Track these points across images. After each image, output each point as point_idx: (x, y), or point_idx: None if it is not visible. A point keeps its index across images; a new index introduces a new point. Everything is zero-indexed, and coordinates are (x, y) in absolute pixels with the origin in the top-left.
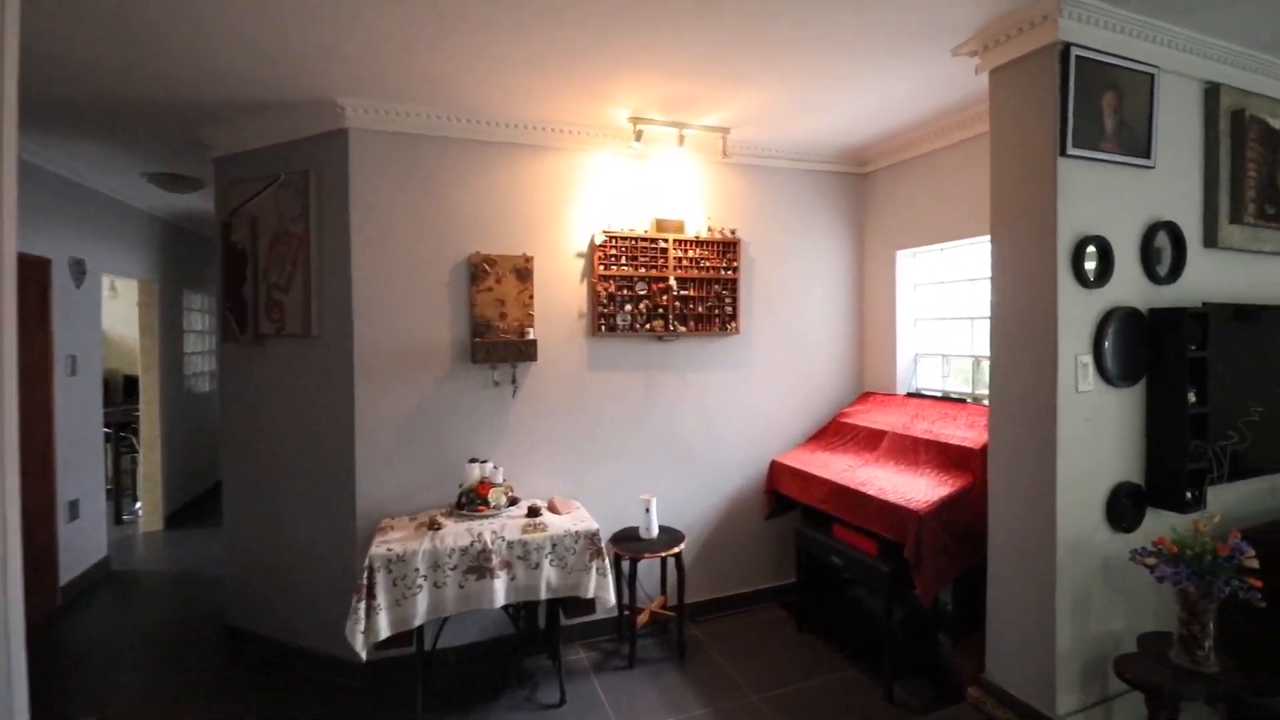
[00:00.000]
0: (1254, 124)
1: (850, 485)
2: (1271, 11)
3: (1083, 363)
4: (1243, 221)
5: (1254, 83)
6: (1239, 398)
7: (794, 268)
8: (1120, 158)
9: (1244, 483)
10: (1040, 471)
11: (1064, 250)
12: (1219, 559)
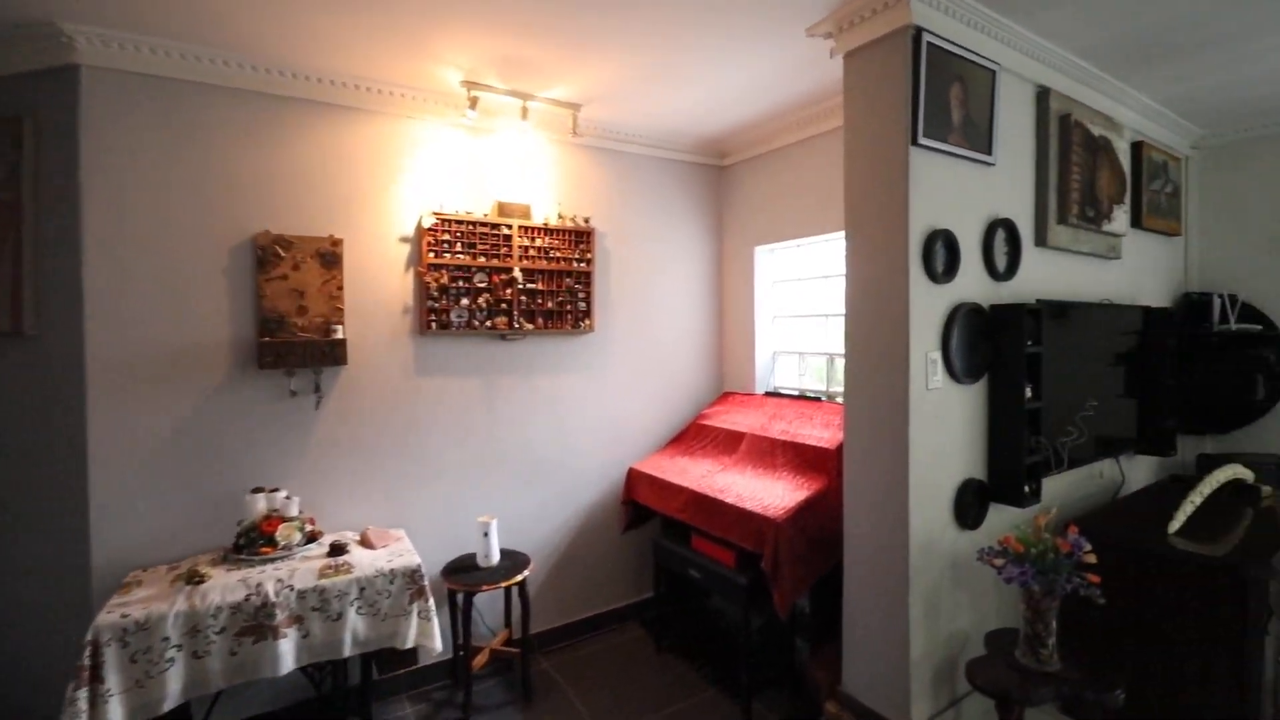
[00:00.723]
0: (1078, 129)
1: (708, 493)
2: (1093, 19)
3: (932, 360)
4: (1068, 222)
5: (1078, 91)
6: (1065, 392)
7: (653, 261)
8: (966, 152)
9: (1072, 471)
10: (893, 472)
11: (915, 244)
12: (1060, 556)
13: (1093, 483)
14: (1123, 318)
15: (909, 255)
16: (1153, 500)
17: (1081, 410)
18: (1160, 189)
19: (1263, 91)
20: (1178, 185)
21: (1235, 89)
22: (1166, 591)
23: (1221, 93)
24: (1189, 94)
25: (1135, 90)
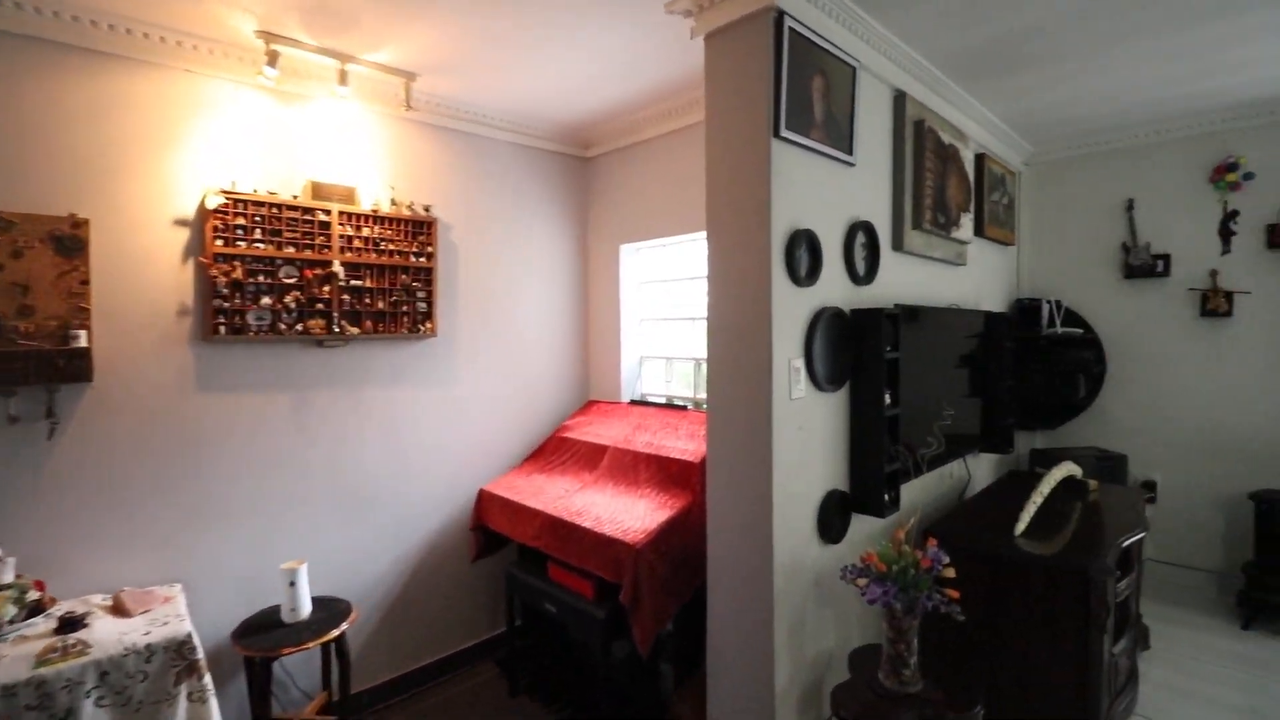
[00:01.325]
0: (931, 136)
1: (564, 516)
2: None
3: (795, 367)
4: (922, 228)
5: (931, 99)
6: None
7: (509, 258)
8: (828, 149)
9: (927, 475)
10: (756, 487)
11: (778, 243)
12: (921, 572)
13: (944, 484)
14: (968, 322)
15: (771, 255)
16: (997, 500)
17: (940, 419)
18: (999, 200)
19: (1085, 112)
20: (1013, 198)
21: (1063, 109)
22: (1017, 595)
23: (1052, 111)
24: (1024, 111)
25: (979, 103)
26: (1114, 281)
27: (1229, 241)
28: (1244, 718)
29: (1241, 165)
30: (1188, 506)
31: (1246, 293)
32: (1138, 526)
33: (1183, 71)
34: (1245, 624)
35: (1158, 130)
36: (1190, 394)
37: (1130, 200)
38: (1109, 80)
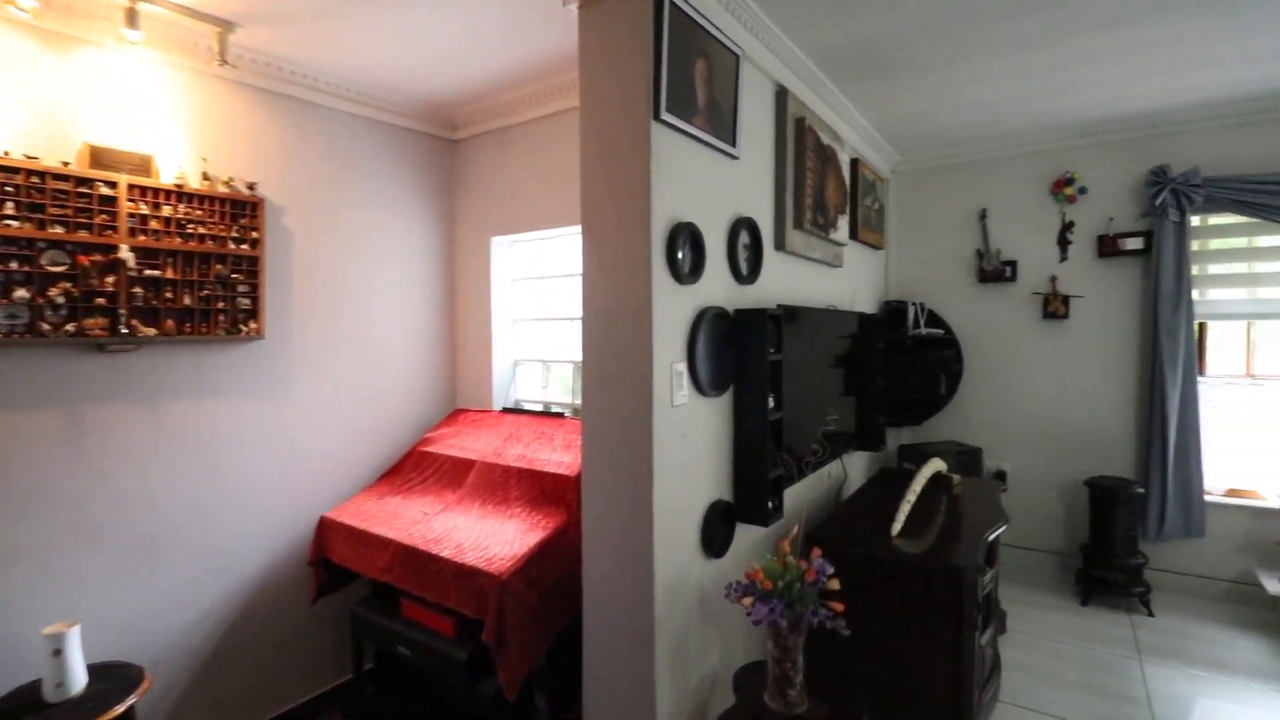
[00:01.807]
0: (811, 135)
1: (419, 545)
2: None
3: (678, 371)
4: (803, 228)
5: (812, 100)
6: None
7: (359, 249)
8: (711, 139)
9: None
10: (636, 501)
11: (658, 236)
12: (806, 586)
13: (823, 485)
14: (844, 323)
15: (651, 249)
16: (873, 499)
17: (822, 421)
18: (871, 205)
19: (944, 124)
20: (883, 204)
21: (925, 119)
22: (895, 597)
23: (915, 122)
24: (892, 119)
25: (854, 107)
26: (970, 285)
27: (1066, 250)
28: (1087, 694)
29: (1077, 180)
30: (1033, 493)
31: (1080, 297)
32: (999, 520)
33: (1028, 90)
34: (1084, 600)
35: (1006, 145)
36: (1034, 389)
37: (984, 210)
38: (964, 94)
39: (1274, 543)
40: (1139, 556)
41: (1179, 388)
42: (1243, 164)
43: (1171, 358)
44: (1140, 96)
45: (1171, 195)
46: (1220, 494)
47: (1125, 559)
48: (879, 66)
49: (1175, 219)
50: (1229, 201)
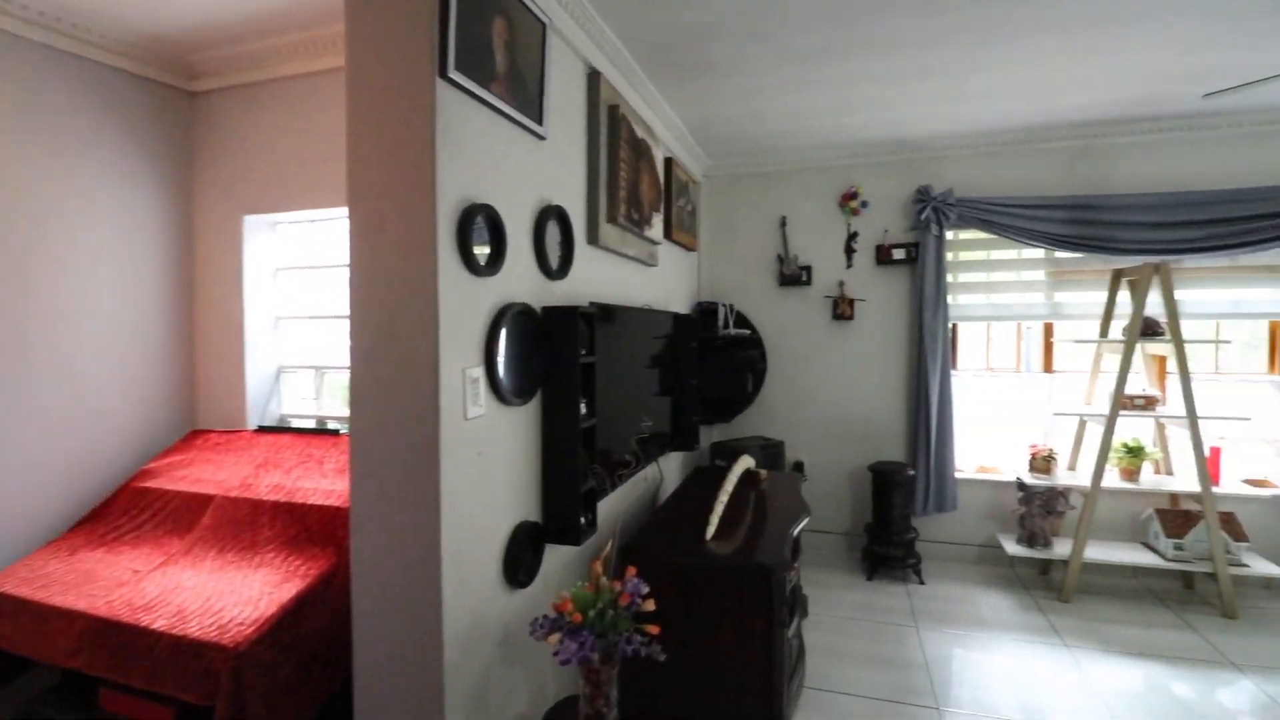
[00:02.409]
0: (625, 125)
1: (121, 616)
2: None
3: (473, 378)
4: (617, 222)
5: (626, 90)
6: (615, 402)
7: (47, 223)
8: (514, 112)
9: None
10: (421, 533)
11: (447, 219)
12: (620, 611)
13: (638, 490)
14: (659, 323)
15: (438, 233)
16: (688, 501)
17: (637, 426)
18: (684, 206)
19: (749, 131)
20: (695, 205)
21: (732, 125)
22: (710, 602)
23: (724, 127)
24: (703, 122)
25: (668, 104)
26: (773, 288)
27: (851, 257)
28: (877, 667)
29: (861, 194)
30: (827, 480)
31: (864, 300)
32: (802, 513)
33: (822, 105)
34: (869, 576)
35: (804, 159)
36: (827, 385)
37: (784, 218)
38: (767, 104)
39: (1010, 511)
40: (912, 531)
41: (938, 381)
42: (985, 187)
43: (932, 355)
44: (911, 124)
45: (933, 212)
46: (972, 471)
47: (901, 535)
48: (689, 63)
49: (935, 233)
50: (974, 219)
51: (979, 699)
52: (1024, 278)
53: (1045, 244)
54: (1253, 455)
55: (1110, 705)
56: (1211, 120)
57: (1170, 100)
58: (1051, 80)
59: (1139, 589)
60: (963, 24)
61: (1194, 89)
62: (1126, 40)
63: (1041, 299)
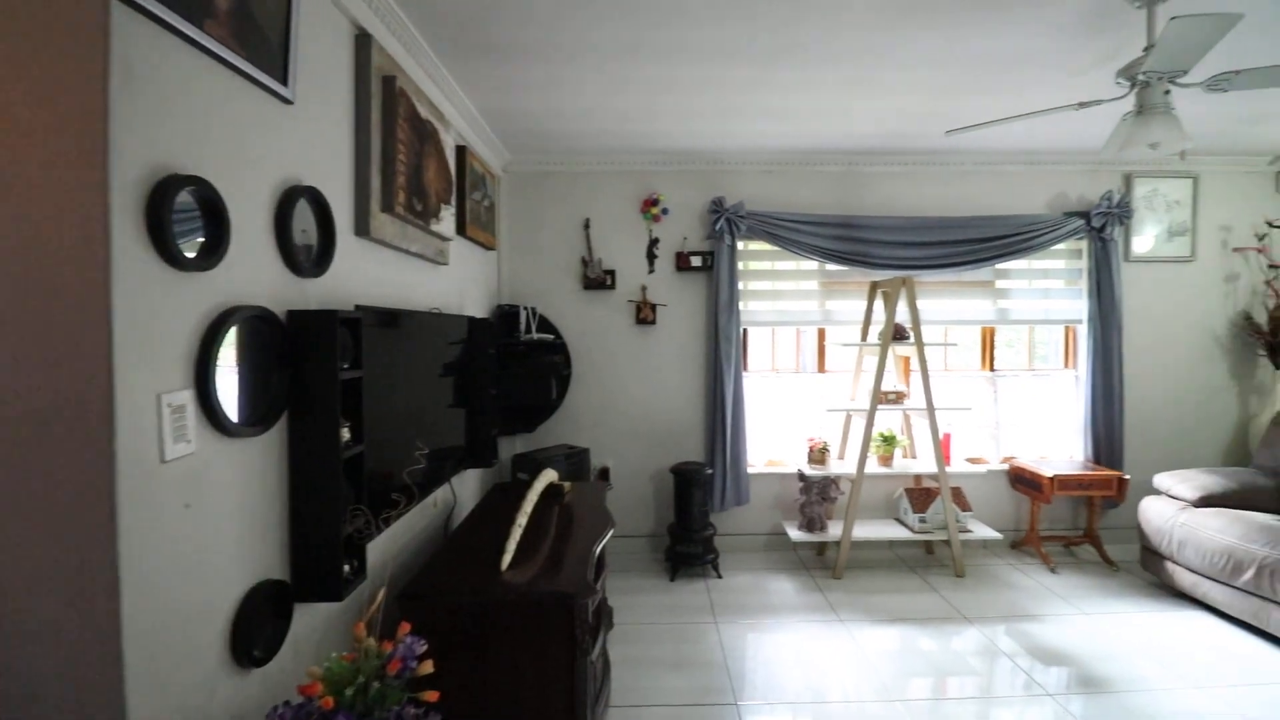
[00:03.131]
0: (405, 102)
1: None
2: None
3: (174, 405)
4: (395, 212)
5: (405, 59)
6: (393, 423)
7: None
8: (243, 63)
9: (401, 519)
10: (87, 622)
11: (132, 190)
12: (389, 682)
13: (424, 519)
14: (452, 328)
15: (112, 211)
16: (483, 525)
17: (427, 447)
18: (481, 201)
19: (556, 129)
20: (494, 201)
21: (534, 120)
22: (508, 640)
23: (525, 121)
24: (502, 113)
25: (459, 87)
26: (577, 291)
27: (653, 263)
28: (680, 672)
29: (661, 201)
30: (630, 484)
31: (665, 305)
32: (607, 525)
33: (624, 108)
34: (672, 576)
35: (607, 161)
36: (630, 389)
37: (587, 220)
38: (568, 100)
39: (793, 500)
40: (710, 528)
41: (732, 382)
42: (769, 202)
43: (727, 357)
44: (707, 136)
45: (726, 223)
46: (762, 466)
47: (701, 532)
48: (482, 42)
49: (728, 242)
50: (762, 231)
51: (771, 686)
52: (802, 287)
53: (818, 257)
54: (972, 438)
55: (876, 666)
56: (948, 157)
57: (919, 136)
58: (825, 109)
59: (893, 559)
60: (742, 43)
61: (938, 128)
62: (885, 82)
63: (816, 306)
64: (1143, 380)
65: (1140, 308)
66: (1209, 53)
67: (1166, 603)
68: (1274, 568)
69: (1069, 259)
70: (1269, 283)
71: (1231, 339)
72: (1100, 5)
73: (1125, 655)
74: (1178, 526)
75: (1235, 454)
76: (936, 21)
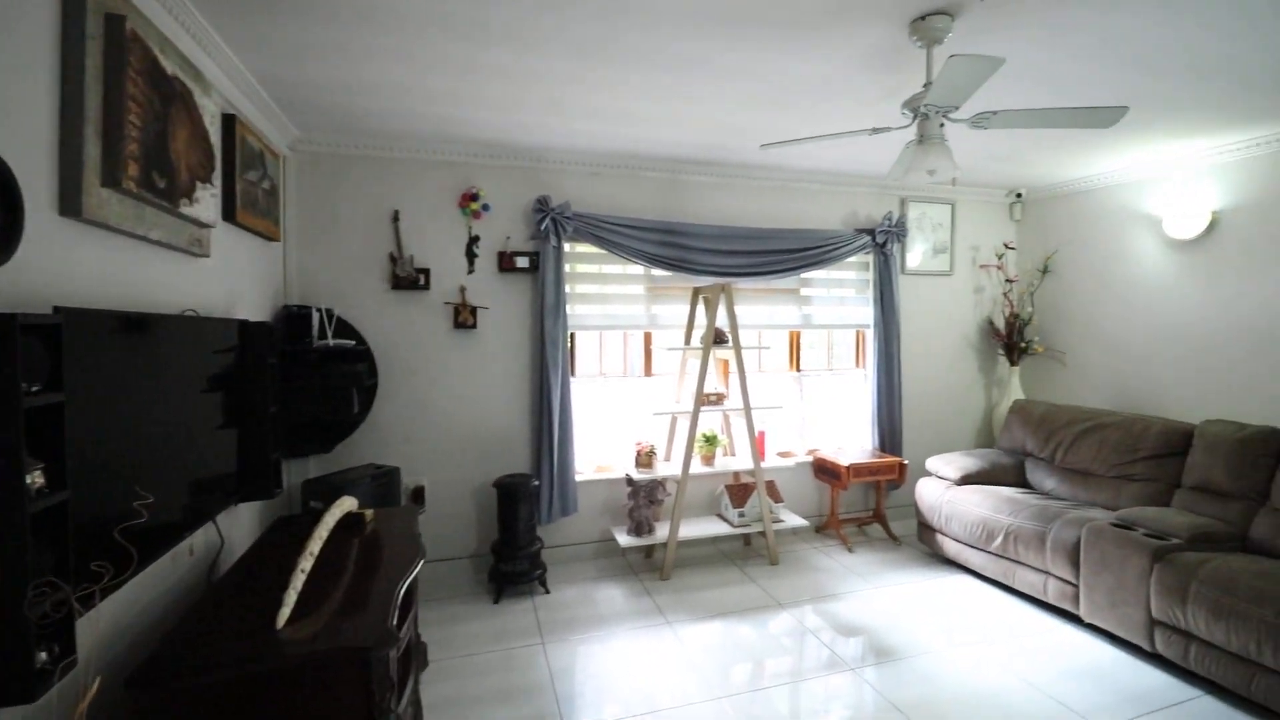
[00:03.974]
0: (139, 50)
1: None
2: None
3: None
4: (123, 186)
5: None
6: (124, 456)
7: None
8: None
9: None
10: None
11: None
12: None
13: (178, 572)
14: (215, 334)
15: None
16: (259, 570)
17: (177, 482)
18: (258, 182)
19: (360, 105)
20: (276, 184)
21: (332, 94)
22: (287, 710)
23: (319, 94)
24: (289, 81)
25: (225, 43)
26: (384, 291)
27: (473, 263)
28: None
29: (481, 197)
30: (450, 502)
31: (486, 308)
32: (417, 555)
33: (440, 89)
34: (496, 598)
35: (421, 148)
36: (448, 399)
37: (397, 212)
38: (374, 72)
39: (622, 505)
40: (537, 542)
41: (559, 388)
42: (596, 205)
43: (554, 362)
44: (531, 130)
45: (552, 223)
46: (591, 472)
47: (527, 548)
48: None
49: (554, 243)
50: (588, 234)
51: (601, 701)
52: (629, 291)
53: (644, 261)
54: (783, 433)
55: (700, 664)
56: (761, 173)
57: (739, 149)
58: (650, 115)
59: (715, 554)
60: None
61: (754, 142)
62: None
63: (643, 310)
64: (917, 377)
65: (914, 314)
66: (977, 91)
67: (939, 570)
68: (1017, 534)
69: (859, 270)
70: (1005, 294)
71: (979, 340)
72: (888, 42)
73: (909, 623)
74: (945, 503)
75: (984, 437)
76: (746, 35)
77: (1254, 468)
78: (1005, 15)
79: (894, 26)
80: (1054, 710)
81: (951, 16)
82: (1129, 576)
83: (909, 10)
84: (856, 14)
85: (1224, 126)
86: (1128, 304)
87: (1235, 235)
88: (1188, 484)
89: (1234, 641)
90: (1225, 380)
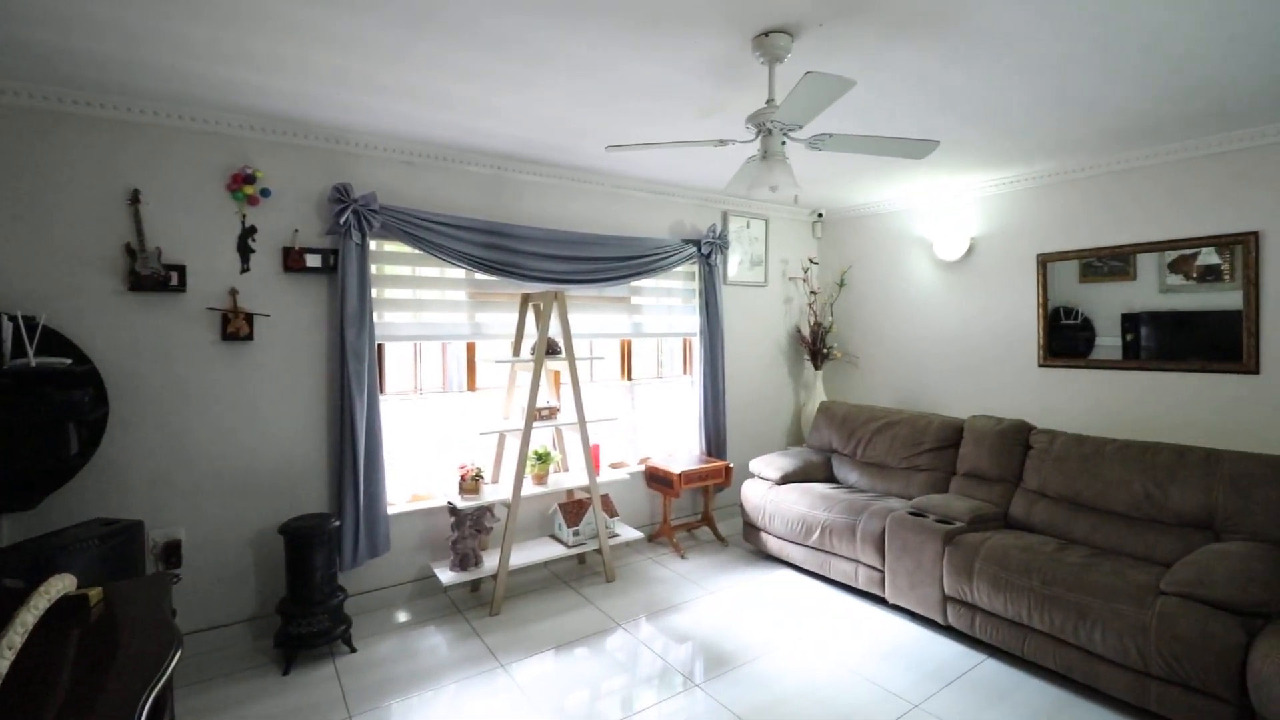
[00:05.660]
0: None
1: None
2: None
3: None
4: None
5: None
6: None
7: None
8: None
9: None
10: None
11: None
12: None
13: None
14: None
15: None
16: None
17: None
18: None
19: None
20: None
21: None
22: None
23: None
24: None
25: None
26: (119, 294)
27: (249, 259)
28: None
29: (259, 179)
30: (217, 559)
31: (267, 315)
32: (170, 644)
33: (200, 38)
34: (286, 669)
35: (174, 111)
36: (216, 428)
37: (136, 191)
38: (107, 9)
39: (444, 537)
40: (339, 594)
41: (365, 408)
42: (409, 198)
43: (358, 379)
44: (325, 104)
45: (354, 216)
46: (405, 504)
47: (326, 602)
48: None
49: (357, 240)
50: (399, 231)
51: None
52: (448, 297)
53: (466, 265)
54: (615, 444)
55: (537, 704)
56: (594, 176)
57: (575, 151)
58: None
59: (549, 577)
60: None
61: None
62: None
63: (465, 319)
64: (738, 382)
65: (735, 322)
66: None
67: (764, 566)
68: (832, 527)
69: (685, 280)
70: (810, 305)
71: (789, 347)
72: (730, 55)
73: (742, 627)
74: (769, 503)
75: (793, 436)
76: (587, 26)
77: (1009, 456)
78: (840, 40)
79: (738, 39)
80: (872, 693)
81: (792, 36)
82: (926, 559)
83: (754, 24)
84: (703, 20)
85: (984, 166)
86: (906, 315)
87: (988, 257)
88: (961, 471)
89: (1010, 609)
90: (982, 380)
